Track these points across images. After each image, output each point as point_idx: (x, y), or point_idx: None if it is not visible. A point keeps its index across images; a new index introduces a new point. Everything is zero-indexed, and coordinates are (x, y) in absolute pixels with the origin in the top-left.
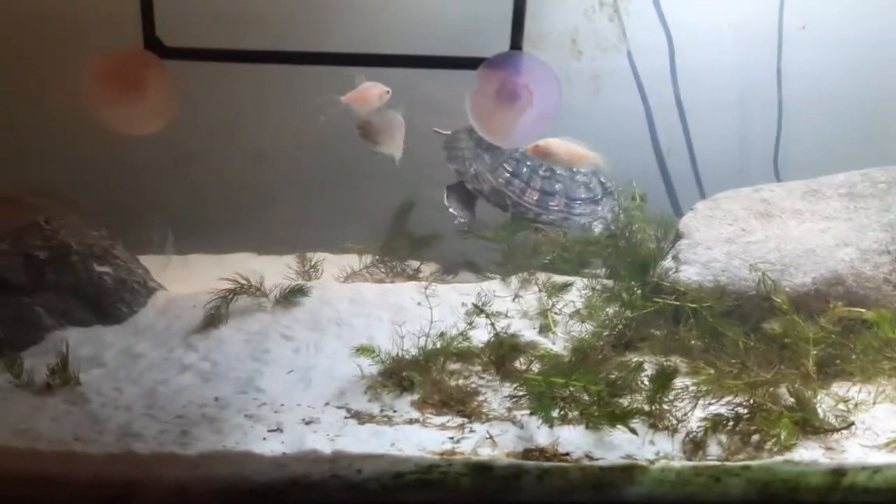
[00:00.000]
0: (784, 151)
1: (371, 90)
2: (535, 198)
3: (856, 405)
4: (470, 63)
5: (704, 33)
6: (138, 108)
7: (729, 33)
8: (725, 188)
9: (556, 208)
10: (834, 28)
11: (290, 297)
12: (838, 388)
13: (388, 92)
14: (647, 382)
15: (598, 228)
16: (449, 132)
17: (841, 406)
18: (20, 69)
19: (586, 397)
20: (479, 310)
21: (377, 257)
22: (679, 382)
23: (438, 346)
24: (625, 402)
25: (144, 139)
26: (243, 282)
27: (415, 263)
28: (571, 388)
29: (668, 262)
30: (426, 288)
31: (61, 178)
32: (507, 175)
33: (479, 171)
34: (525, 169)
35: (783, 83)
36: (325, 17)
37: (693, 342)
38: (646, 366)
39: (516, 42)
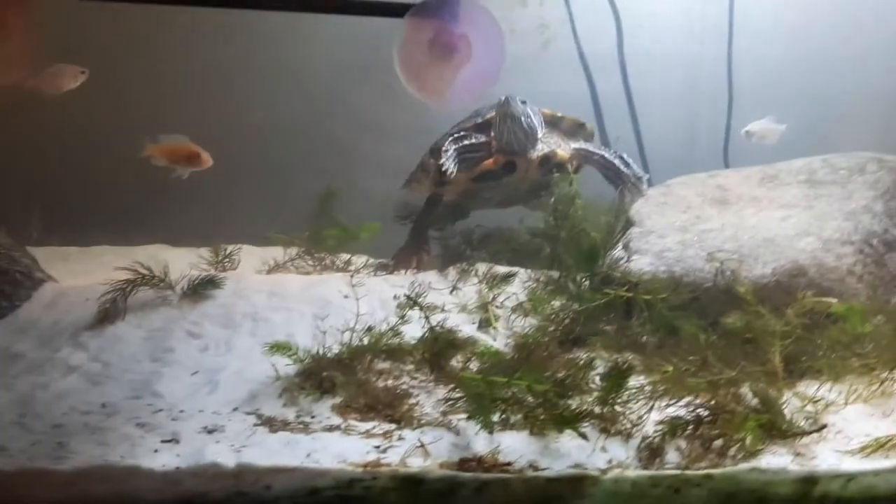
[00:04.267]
0: (734, 141)
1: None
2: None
3: (826, 406)
4: (397, 10)
5: (653, 19)
6: None
7: (679, 20)
8: (673, 176)
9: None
10: (785, 17)
11: (200, 289)
12: (805, 387)
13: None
14: (597, 382)
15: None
16: None
17: (809, 407)
18: None
19: (530, 399)
20: (412, 302)
21: (303, 249)
22: (633, 382)
23: (366, 342)
24: (573, 403)
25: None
26: (144, 271)
27: (345, 255)
28: (514, 389)
29: (618, 252)
30: (352, 276)
31: None
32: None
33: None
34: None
35: (734, 72)
36: None
37: (646, 338)
38: (596, 364)
39: None
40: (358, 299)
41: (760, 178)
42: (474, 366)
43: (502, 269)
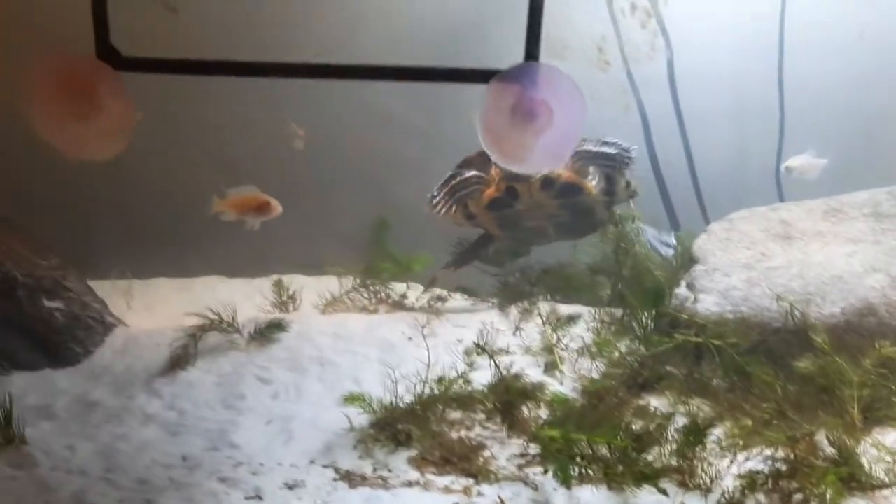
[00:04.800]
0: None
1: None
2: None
3: None
4: (481, 76)
5: (703, 38)
6: (89, 127)
7: (729, 38)
8: (725, 202)
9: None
10: (837, 33)
11: (267, 332)
12: (880, 435)
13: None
14: (672, 433)
15: None
16: None
17: (887, 457)
18: None
19: (607, 452)
20: (481, 349)
21: (358, 281)
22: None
23: (436, 391)
24: (650, 456)
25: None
26: (213, 316)
27: (399, 286)
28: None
29: (681, 290)
30: (423, 327)
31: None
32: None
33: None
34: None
35: (785, 91)
36: (318, 25)
37: (716, 382)
38: (664, 409)
39: (532, 52)
40: (428, 350)
41: (824, 211)
42: (543, 412)
43: (564, 309)
